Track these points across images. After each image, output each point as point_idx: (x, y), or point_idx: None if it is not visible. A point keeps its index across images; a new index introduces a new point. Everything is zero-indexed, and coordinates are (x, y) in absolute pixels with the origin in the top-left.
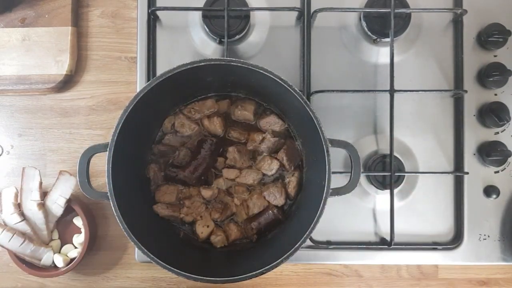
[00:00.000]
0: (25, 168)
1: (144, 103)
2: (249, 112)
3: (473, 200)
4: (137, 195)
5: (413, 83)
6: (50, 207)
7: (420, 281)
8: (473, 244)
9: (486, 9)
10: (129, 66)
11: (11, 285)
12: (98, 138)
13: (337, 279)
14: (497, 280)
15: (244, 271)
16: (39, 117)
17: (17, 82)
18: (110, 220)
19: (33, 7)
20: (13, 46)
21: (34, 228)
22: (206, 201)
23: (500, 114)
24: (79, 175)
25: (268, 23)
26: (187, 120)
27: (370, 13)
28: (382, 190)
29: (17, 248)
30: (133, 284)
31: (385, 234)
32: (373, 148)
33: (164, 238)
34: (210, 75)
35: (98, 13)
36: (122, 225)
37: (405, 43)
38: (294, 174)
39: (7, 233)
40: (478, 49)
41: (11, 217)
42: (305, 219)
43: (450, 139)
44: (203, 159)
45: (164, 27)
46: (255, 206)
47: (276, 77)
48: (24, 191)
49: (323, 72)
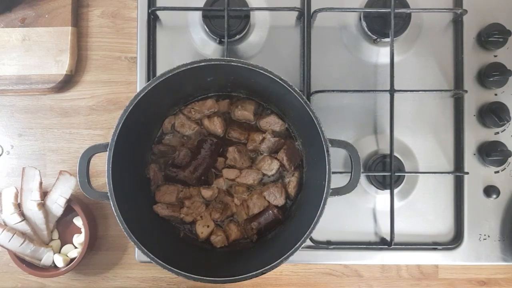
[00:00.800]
0: (25, 168)
1: (144, 103)
2: (249, 112)
3: (473, 200)
4: (137, 195)
5: (413, 83)
6: (50, 207)
7: (420, 281)
8: (473, 244)
9: (486, 9)
10: (129, 66)
11: (11, 285)
12: (98, 138)
13: (337, 279)
14: (497, 280)
15: (244, 271)
16: (39, 117)
17: (17, 82)
18: (110, 220)
19: (33, 7)
20: (13, 46)
21: (34, 228)
22: (206, 201)
23: (500, 114)
24: (79, 175)
25: (268, 23)
26: (187, 120)
27: (370, 13)
28: (382, 190)
29: (17, 248)
30: (133, 284)
31: (385, 234)
32: (373, 148)
33: (164, 238)
34: (210, 75)
35: (98, 13)
36: (122, 225)
37: (405, 43)
38: (294, 174)
39: (7, 233)
40: (478, 49)
41: (11, 217)
42: (305, 219)
43: (450, 139)
44: (203, 159)
45: (164, 27)
46: (255, 206)
47: (276, 77)
48: (24, 191)
49: (323, 72)
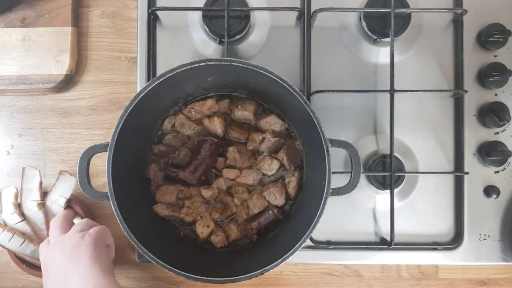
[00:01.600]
0: (25, 168)
1: (144, 103)
2: (249, 112)
3: (473, 200)
4: (137, 195)
5: (413, 83)
6: (50, 207)
7: (420, 281)
8: (473, 244)
9: (486, 9)
10: (129, 66)
11: (11, 285)
12: (98, 138)
13: (337, 279)
14: (497, 280)
15: (244, 271)
16: (39, 117)
17: (17, 82)
18: (110, 220)
19: (33, 7)
20: (13, 46)
21: (34, 228)
22: (206, 201)
23: (500, 114)
24: (79, 175)
25: (268, 23)
26: (187, 120)
27: (370, 13)
28: (382, 190)
29: (17, 248)
30: (133, 284)
31: (385, 234)
32: (373, 148)
33: (164, 238)
34: (210, 75)
35: (98, 13)
36: (122, 225)
37: (405, 43)
38: (294, 174)
39: (7, 233)
40: (478, 49)
41: (11, 217)
42: (305, 219)
43: (450, 139)
44: (203, 159)
45: (164, 27)
46: (255, 206)
47: (276, 77)
48: (24, 191)
49: (323, 72)
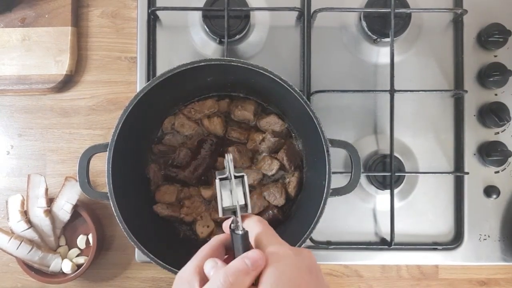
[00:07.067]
0: (30, 175)
1: (144, 103)
2: (249, 112)
3: (473, 200)
4: (137, 195)
5: (413, 83)
6: (56, 213)
7: (420, 281)
8: (473, 244)
9: (486, 9)
10: (129, 66)
11: (11, 285)
12: (98, 138)
13: (337, 279)
14: (497, 280)
15: None
16: (39, 117)
17: (17, 82)
18: (110, 221)
19: (33, 7)
20: (13, 46)
21: (41, 234)
22: (206, 201)
23: (500, 114)
24: (79, 175)
25: (268, 23)
26: (187, 120)
27: (370, 13)
28: (382, 190)
29: (25, 255)
30: (133, 284)
31: (385, 234)
32: (373, 148)
33: (164, 238)
34: (210, 75)
35: (98, 13)
36: (122, 225)
37: (405, 43)
38: (294, 174)
39: (14, 240)
40: (478, 49)
41: (18, 225)
42: (305, 219)
43: (450, 139)
44: (203, 159)
45: (164, 27)
46: (255, 206)
47: (276, 77)
48: (30, 198)
49: (323, 72)
